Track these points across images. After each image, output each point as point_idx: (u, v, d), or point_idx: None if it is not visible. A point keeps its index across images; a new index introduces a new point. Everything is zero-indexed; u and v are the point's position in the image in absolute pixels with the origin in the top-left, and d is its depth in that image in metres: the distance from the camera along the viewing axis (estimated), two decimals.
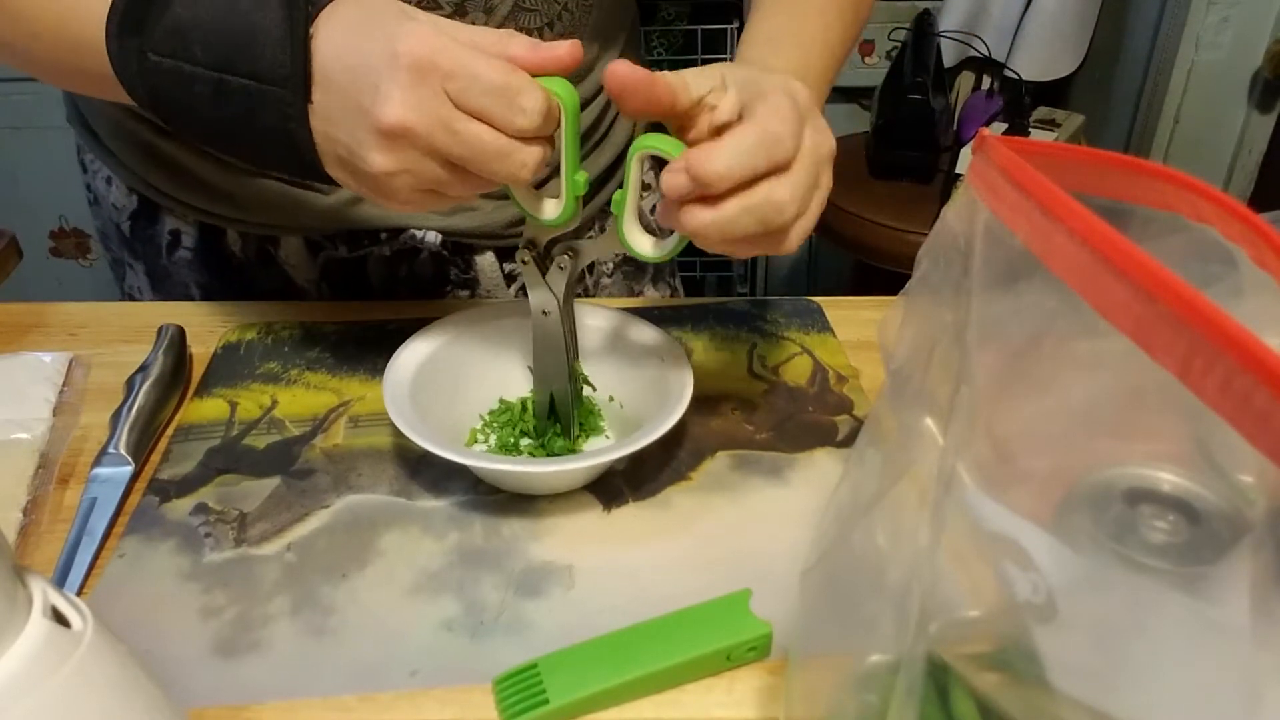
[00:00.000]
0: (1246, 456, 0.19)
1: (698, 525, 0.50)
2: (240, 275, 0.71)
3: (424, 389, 0.53)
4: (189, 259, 0.71)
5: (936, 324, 0.29)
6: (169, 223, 0.70)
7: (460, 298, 0.71)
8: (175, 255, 0.71)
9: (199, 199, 0.67)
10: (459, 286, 0.71)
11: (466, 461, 0.49)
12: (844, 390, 0.60)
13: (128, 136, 0.68)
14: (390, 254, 0.69)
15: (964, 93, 1.82)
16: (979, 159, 0.28)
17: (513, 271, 0.72)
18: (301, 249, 0.69)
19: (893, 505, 0.29)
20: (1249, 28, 1.45)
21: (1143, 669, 0.23)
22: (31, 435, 0.55)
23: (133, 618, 0.45)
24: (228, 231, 0.69)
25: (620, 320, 0.57)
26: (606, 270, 0.77)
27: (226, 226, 0.69)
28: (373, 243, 0.68)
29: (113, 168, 0.70)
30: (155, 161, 0.67)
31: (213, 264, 0.71)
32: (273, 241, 0.69)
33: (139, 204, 0.70)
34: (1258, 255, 0.24)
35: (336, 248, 0.69)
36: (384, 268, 0.69)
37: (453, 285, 0.71)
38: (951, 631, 0.26)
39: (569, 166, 0.45)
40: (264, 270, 0.70)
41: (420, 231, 0.68)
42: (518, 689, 0.40)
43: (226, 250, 0.70)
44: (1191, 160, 1.56)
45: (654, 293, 0.81)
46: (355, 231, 0.68)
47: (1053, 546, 0.24)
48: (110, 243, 0.75)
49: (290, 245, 0.69)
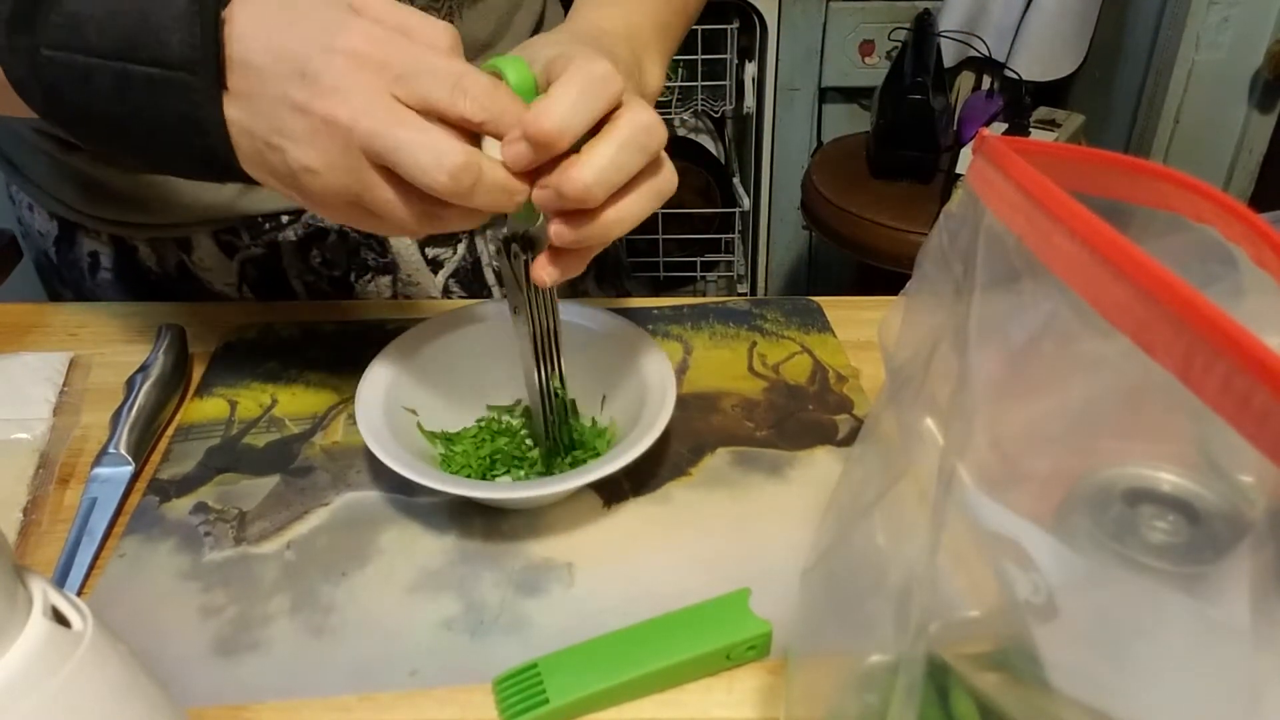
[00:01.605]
0: (1246, 456, 0.19)
1: (698, 521, 0.50)
2: (159, 291, 0.71)
3: (405, 396, 0.53)
4: (110, 280, 0.71)
5: (936, 324, 0.29)
6: (87, 244, 0.70)
7: (382, 284, 0.70)
8: (98, 278, 0.71)
9: (109, 210, 0.67)
10: (379, 272, 0.70)
11: (443, 488, 0.47)
12: (844, 390, 0.60)
13: (39, 155, 0.68)
14: (298, 238, 0.67)
15: (964, 93, 1.82)
16: (979, 159, 0.28)
17: (437, 257, 0.71)
18: (214, 249, 0.68)
19: (893, 505, 0.29)
20: (1249, 28, 1.45)
21: (1143, 669, 0.23)
22: (31, 435, 0.55)
23: (133, 618, 0.45)
24: (139, 247, 0.69)
25: (606, 322, 0.57)
26: None
27: (137, 240, 0.68)
28: (276, 227, 0.67)
29: (31, 194, 0.70)
30: (65, 178, 0.67)
31: (131, 283, 0.71)
32: (185, 247, 0.68)
33: (59, 228, 0.71)
34: (1258, 255, 0.24)
35: (244, 239, 0.68)
36: (297, 259, 0.68)
37: (373, 271, 0.70)
38: (951, 631, 0.26)
39: None
40: (182, 282, 0.70)
41: None
42: (518, 689, 0.40)
43: (142, 266, 0.70)
44: (1191, 160, 1.56)
45: (599, 294, 0.80)
46: (256, 217, 0.67)
47: (1053, 546, 0.24)
48: (43, 273, 0.76)
49: (203, 247, 0.68)
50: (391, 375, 0.53)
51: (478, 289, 0.74)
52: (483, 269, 0.73)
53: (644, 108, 0.41)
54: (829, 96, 1.93)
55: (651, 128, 0.40)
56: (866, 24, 1.83)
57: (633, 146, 0.40)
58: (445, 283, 0.73)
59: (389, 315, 0.66)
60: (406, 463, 0.47)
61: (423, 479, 0.46)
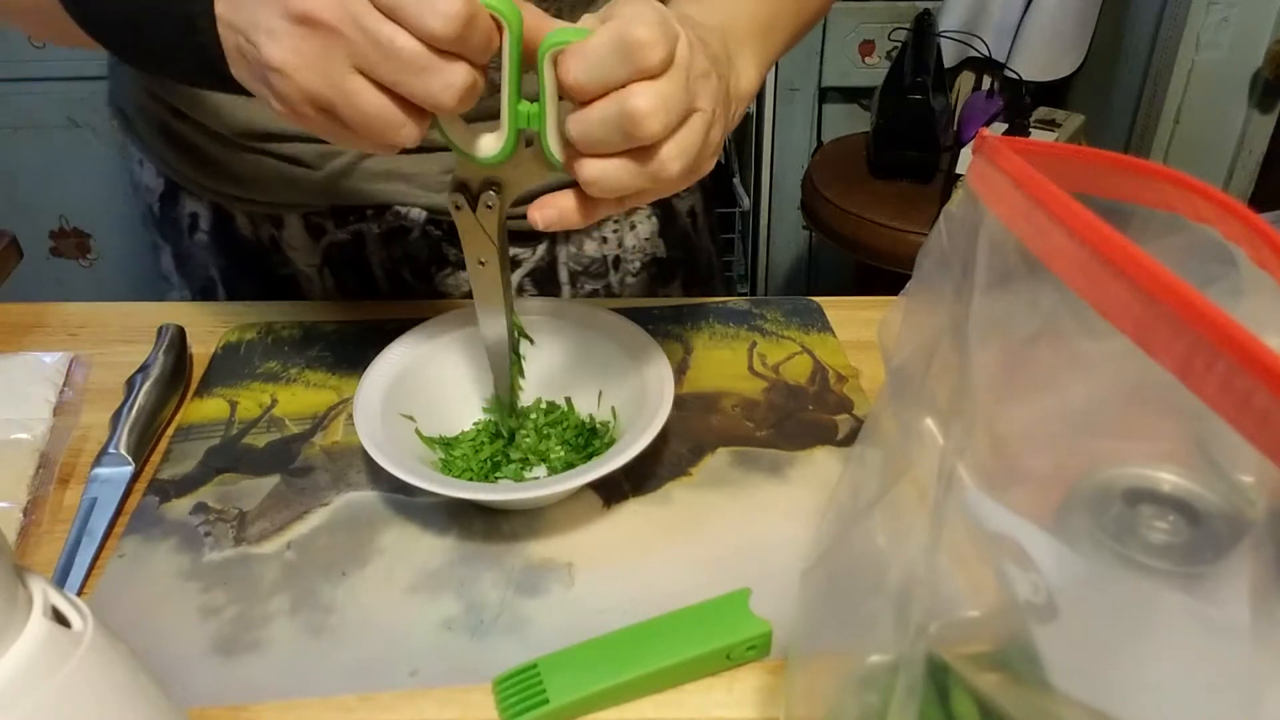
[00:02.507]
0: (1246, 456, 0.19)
1: (698, 522, 0.50)
2: (251, 260, 0.72)
3: (403, 402, 0.53)
4: (206, 241, 0.72)
5: (936, 324, 0.29)
6: (188, 205, 0.72)
7: (461, 278, 0.71)
8: (195, 237, 0.72)
9: (210, 179, 0.69)
10: (459, 266, 0.71)
11: (444, 490, 0.47)
12: (844, 390, 0.60)
13: (149, 118, 0.70)
14: (381, 232, 0.69)
15: (964, 93, 1.82)
16: (979, 159, 0.28)
17: (516, 256, 0.71)
18: (302, 231, 0.69)
19: (893, 505, 0.29)
20: (1249, 28, 1.45)
21: (1143, 669, 0.23)
22: (31, 435, 0.55)
23: (133, 618, 0.45)
24: (236, 215, 0.70)
25: (604, 320, 0.57)
26: (633, 269, 0.75)
27: (234, 208, 0.70)
28: (360, 219, 0.68)
29: (143, 151, 0.73)
30: (172, 142, 0.69)
31: (226, 247, 0.72)
32: (277, 224, 0.70)
33: (165, 186, 0.73)
34: (1258, 255, 0.24)
35: (330, 227, 0.69)
36: (380, 247, 0.69)
37: (452, 266, 0.71)
38: (951, 631, 0.26)
39: (511, 94, 0.41)
40: (272, 254, 0.71)
41: (404, 208, 0.67)
42: (518, 689, 0.40)
43: (238, 234, 0.71)
44: (1191, 160, 1.56)
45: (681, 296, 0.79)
46: (344, 208, 0.68)
47: (1053, 546, 0.24)
48: (147, 226, 0.78)
49: (292, 227, 0.69)
50: (390, 378, 0.53)
51: (552, 289, 0.73)
52: (558, 268, 0.73)
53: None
54: (829, 96, 1.93)
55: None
56: (866, 24, 1.83)
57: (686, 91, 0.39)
58: (520, 281, 0.72)
59: (389, 315, 0.66)
60: (406, 466, 0.47)
61: (423, 482, 0.46)
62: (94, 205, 1.77)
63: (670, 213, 0.76)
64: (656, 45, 0.38)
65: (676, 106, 0.39)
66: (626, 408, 0.53)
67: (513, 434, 0.55)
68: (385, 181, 0.66)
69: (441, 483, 0.46)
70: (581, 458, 0.53)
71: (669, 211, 0.76)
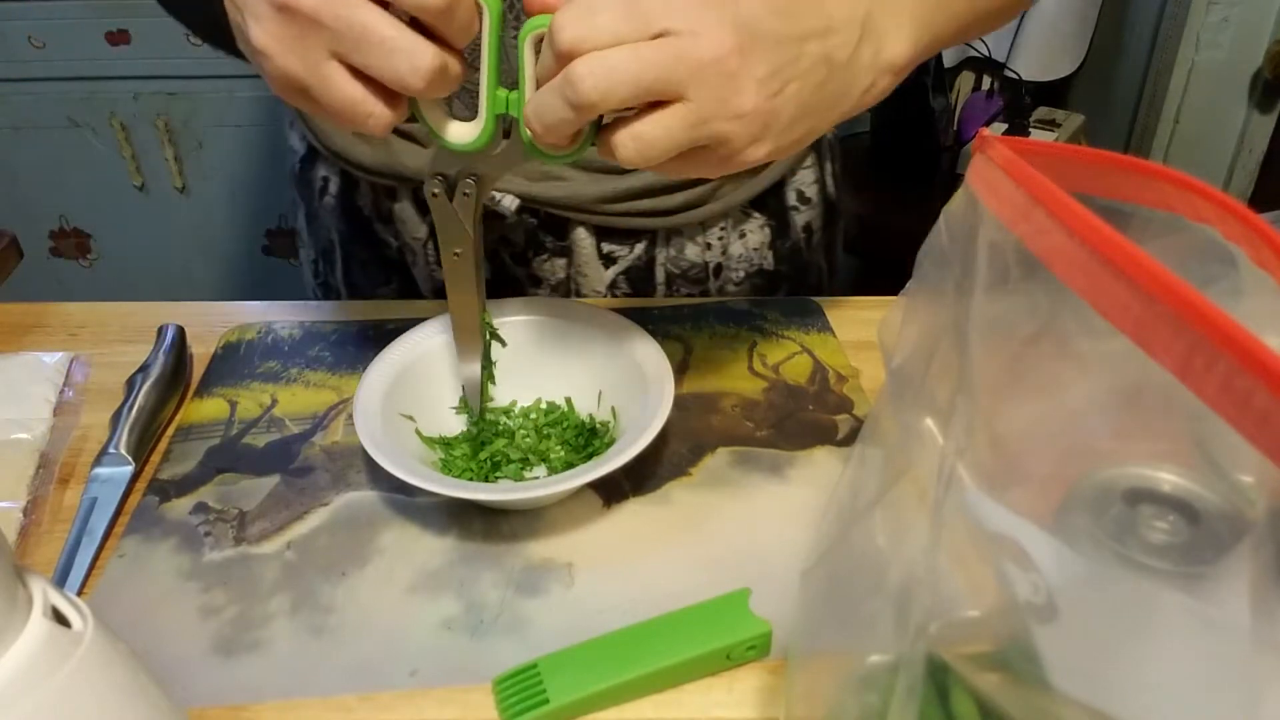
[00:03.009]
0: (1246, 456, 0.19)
1: (698, 522, 0.50)
2: (368, 227, 0.74)
3: (403, 402, 0.53)
4: (332, 205, 0.75)
5: (936, 324, 0.29)
6: (322, 169, 0.75)
7: (557, 265, 0.71)
8: (324, 200, 0.76)
9: (336, 149, 0.71)
10: (555, 254, 0.71)
11: (444, 490, 0.47)
12: (844, 390, 0.60)
13: None
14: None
15: (964, 93, 1.82)
16: (979, 159, 0.28)
17: (612, 253, 0.71)
18: (411, 205, 0.71)
19: (893, 505, 0.29)
20: (1249, 28, 1.45)
21: (1143, 669, 0.23)
22: (31, 435, 0.55)
23: (133, 618, 0.45)
24: (360, 184, 0.72)
25: (603, 320, 0.57)
26: (735, 279, 0.74)
27: (360, 176, 0.72)
28: None
29: (290, 115, 0.77)
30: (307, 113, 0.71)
31: (348, 213, 0.75)
32: (391, 195, 0.72)
33: (305, 149, 0.76)
34: (1258, 255, 0.24)
35: None
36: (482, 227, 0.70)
37: (549, 253, 0.71)
38: (951, 631, 0.26)
39: (489, 79, 0.41)
40: (387, 226, 0.73)
41: (499, 195, 0.67)
42: (518, 689, 0.40)
43: (358, 202, 0.73)
44: (1191, 160, 1.56)
45: None
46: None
47: (1053, 546, 0.24)
48: (290, 184, 0.81)
49: (404, 200, 0.71)
50: (390, 378, 0.53)
51: (646, 290, 0.73)
52: (655, 269, 0.72)
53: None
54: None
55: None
56: None
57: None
58: (614, 278, 0.72)
59: (389, 315, 0.66)
60: (406, 466, 0.47)
61: (423, 482, 0.46)
62: (94, 205, 1.77)
63: (784, 224, 0.74)
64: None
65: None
66: (626, 408, 0.53)
67: (484, 441, 0.55)
68: None
69: (441, 483, 0.46)
70: (581, 458, 0.53)
71: (783, 223, 0.74)
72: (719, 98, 0.38)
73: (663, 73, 0.37)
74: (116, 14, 1.57)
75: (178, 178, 1.72)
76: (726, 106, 0.39)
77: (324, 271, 0.80)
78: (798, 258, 0.76)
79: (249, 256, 1.82)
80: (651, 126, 0.39)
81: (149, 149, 1.69)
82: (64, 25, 1.58)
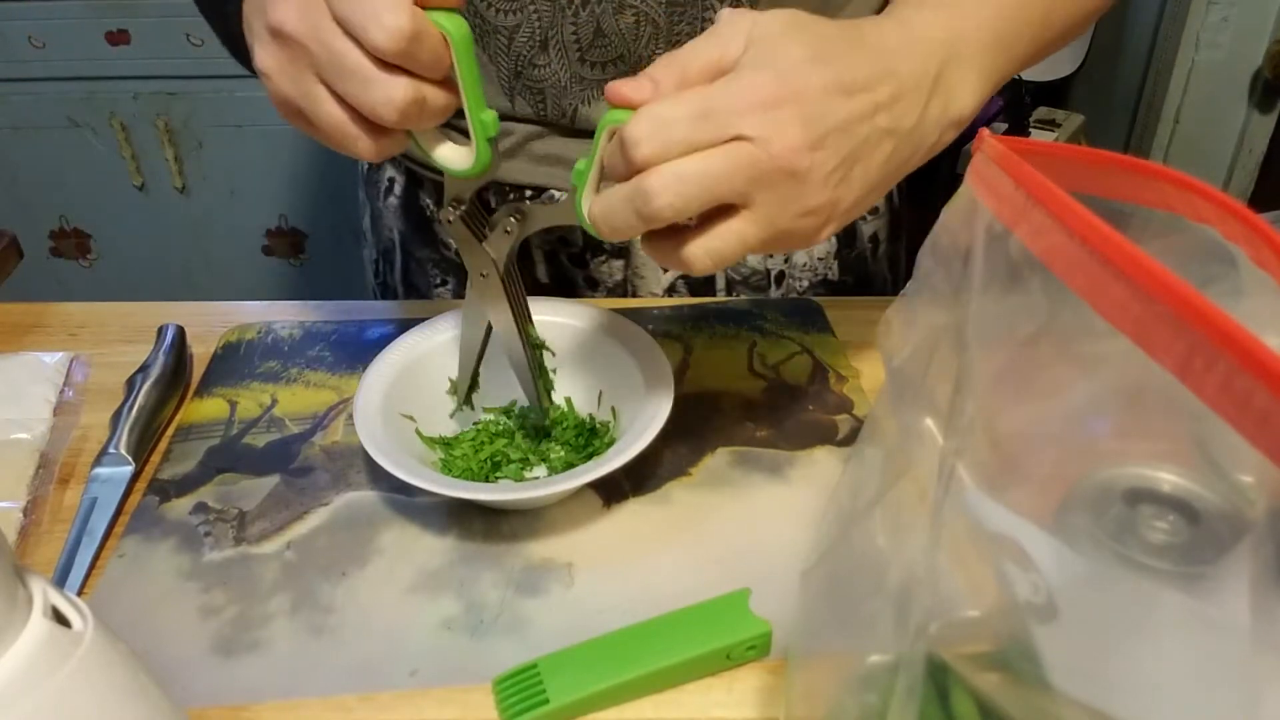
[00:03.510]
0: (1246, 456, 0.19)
1: (698, 522, 0.50)
2: (427, 228, 0.75)
3: (403, 402, 0.53)
4: (395, 205, 0.76)
5: (936, 324, 0.29)
6: (389, 170, 0.76)
7: (615, 267, 0.71)
8: (387, 201, 0.76)
9: None
10: (613, 255, 0.71)
11: (444, 490, 0.47)
12: (844, 390, 0.60)
13: None
14: None
15: None
16: (979, 159, 0.28)
17: None
18: None
19: (893, 505, 0.29)
20: (1249, 28, 1.45)
21: (1143, 669, 0.23)
22: (31, 435, 0.55)
23: (133, 618, 0.45)
24: (425, 183, 0.73)
25: (603, 320, 0.57)
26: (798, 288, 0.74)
27: (425, 176, 0.73)
28: (519, 198, 0.70)
29: None
30: None
31: (409, 213, 0.75)
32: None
33: None
34: (1258, 255, 0.24)
35: (495, 204, 0.70)
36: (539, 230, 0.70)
37: (607, 254, 0.71)
38: (951, 631, 0.26)
39: (472, 105, 0.41)
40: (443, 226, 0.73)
41: (560, 193, 0.68)
42: (518, 689, 0.40)
43: (420, 202, 0.74)
44: (1191, 160, 1.56)
45: None
46: (503, 185, 0.69)
47: (1053, 546, 0.24)
48: (361, 185, 0.82)
49: None
50: (390, 378, 0.53)
51: (706, 293, 0.73)
52: (716, 273, 0.72)
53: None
54: None
55: None
56: None
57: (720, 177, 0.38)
58: (673, 282, 0.72)
59: (389, 315, 0.66)
60: (406, 466, 0.47)
61: (423, 483, 0.46)
62: (94, 205, 1.77)
63: (851, 235, 0.74)
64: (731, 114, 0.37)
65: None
66: (626, 408, 0.53)
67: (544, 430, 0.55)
68: (547, 165, 0.68)
69: (441, 483, 0.46)
70: (581, 458, 0.53)
71: (850, 233, 0.74)
72: (787, 199, 0.39)
73: (735, 185, 0.38)
74: (116, 14, 1.57)
75: (178, 178, 1.72)
76: (795, 206, 0.39)
77: (384, 271, 0.80)
78: (862, 268, 0.75)
79: (249, 256, 1.82)
80: (724, 241, 0.39)
81: (149, 149, 1.69)
82: (64, 25, 1.58)
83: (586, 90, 0.64)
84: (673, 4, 0.59)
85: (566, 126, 0.65)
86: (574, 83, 0.63)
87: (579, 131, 0.66)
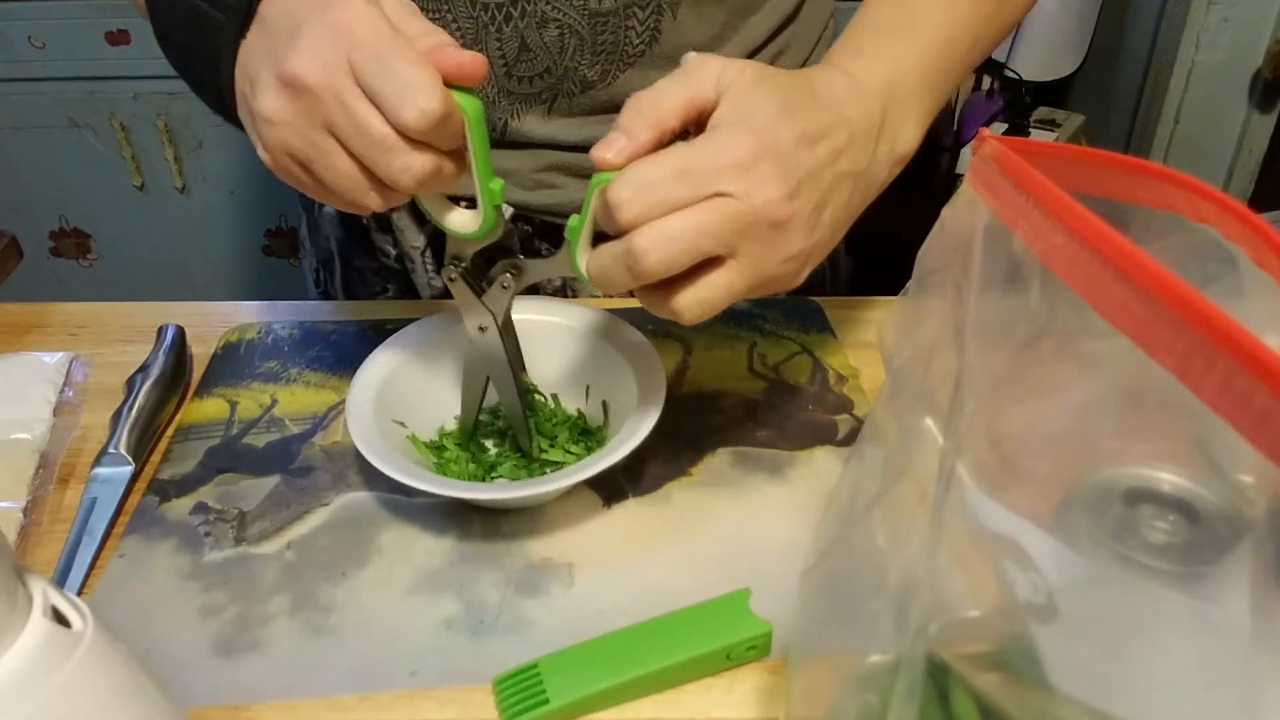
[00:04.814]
0: (1246, 456, 0.19)
1: (698, 522, 0.50)
2: (366, 235, 0.75)
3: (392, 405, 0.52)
4: (332, 215, 0.76)
5: (936, 324, 0.29)
6: None
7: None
8: (323, 210, 0.77)
9: None
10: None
11: (442, 491, 0.47)
12: (844, 390, 0.60)
13: None
14: None
15: (964, 93, 1.81)
16: (979, 159, 0.28)
17: None
18: (407, 215, 0.71)
19: (893, 505, 0.29)
20: (1249, 28, 1.45)
21: (1143, 669, 0.23)
22: (31, 435, 0.55)
23: (133, 618, 0.45)
24: None
25: (594, 320, 0.57)
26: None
27: None
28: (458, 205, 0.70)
29: None
30: None
31: (347, 221, 0.76)
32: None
33: None
34: (1258, 255, 0.24)
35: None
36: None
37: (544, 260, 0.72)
38: (951, 631, 0.26)
39: (481, 175, 0.43)
40: (383, 234, 0.74)
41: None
42: (518, 689, 0.40)
43: None
44: (1191, 160, 1.56)
45: None
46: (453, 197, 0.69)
47: (1053, 546, 0.24)
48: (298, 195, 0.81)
49: (400, 210, 0.72)
50: (380, 380, 0.53)
51: None
52: None
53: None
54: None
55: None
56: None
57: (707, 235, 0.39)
58: None
59: (389, 315, 0.66)
60: (403, 468, 0.47)
61: (421, 484, 0.46)
62: (94, 205, 1.77)
63: None
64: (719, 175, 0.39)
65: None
66: (620, 404, 0.53)
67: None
68: None
69: (439, 484, 0.46)
70: (577, 456, 0.53)
71: None
72: (770, 248, 0.41)
73: (721, 238, 0.39)
74: (116, 14, 1.57)
75: (178, 178, 1.72)
76: (778, 253, 0.41)
77: (325, 280, 0.80)
78: None
79: (249, 256, 1.82)
80: (711, 291, 0.41)
81: (149, 149, 1.69)
82: (64, 25, 1.58)
83: (515, 104, 0.64)
84: (595, 15, 0.60)
85: (497, 140, 0.65)
86: (502, 97, 0.63)
87: (510, 144, 0.65)
